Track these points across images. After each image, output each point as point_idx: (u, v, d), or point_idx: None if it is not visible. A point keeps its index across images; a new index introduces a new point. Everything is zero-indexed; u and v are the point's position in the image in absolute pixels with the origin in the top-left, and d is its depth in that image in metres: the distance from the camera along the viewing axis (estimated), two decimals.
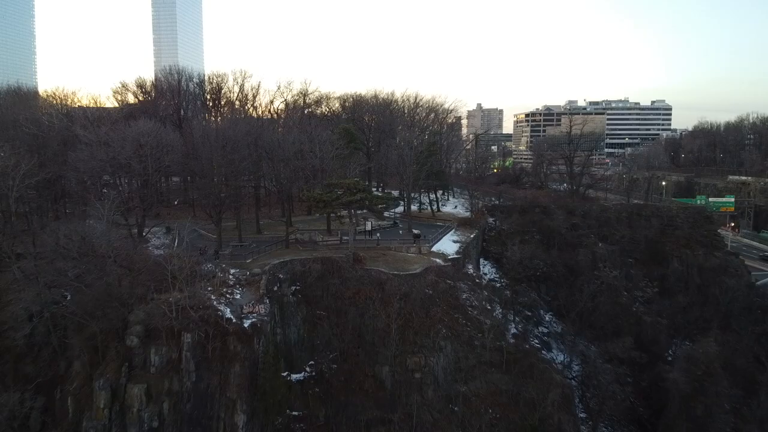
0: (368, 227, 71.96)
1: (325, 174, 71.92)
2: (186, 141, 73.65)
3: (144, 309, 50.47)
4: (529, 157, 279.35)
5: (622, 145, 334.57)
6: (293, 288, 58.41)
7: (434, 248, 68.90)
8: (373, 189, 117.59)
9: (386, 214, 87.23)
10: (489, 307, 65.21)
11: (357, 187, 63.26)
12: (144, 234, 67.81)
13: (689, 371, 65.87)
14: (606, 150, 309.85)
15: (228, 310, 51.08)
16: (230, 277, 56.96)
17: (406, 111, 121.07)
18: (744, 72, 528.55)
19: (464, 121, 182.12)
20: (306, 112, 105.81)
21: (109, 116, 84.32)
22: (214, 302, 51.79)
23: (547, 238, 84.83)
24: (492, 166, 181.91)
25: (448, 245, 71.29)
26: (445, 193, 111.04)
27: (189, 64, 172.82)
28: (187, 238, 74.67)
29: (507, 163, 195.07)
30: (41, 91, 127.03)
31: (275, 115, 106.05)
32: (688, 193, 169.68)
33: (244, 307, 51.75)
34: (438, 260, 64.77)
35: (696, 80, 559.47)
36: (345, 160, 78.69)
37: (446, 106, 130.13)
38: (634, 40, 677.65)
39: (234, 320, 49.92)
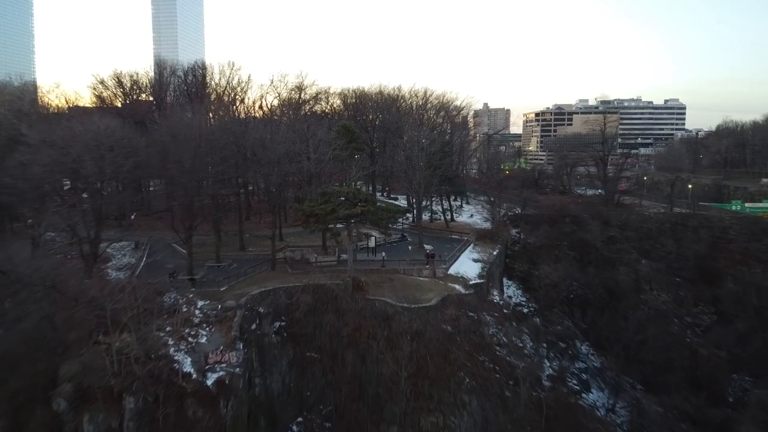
0: (371, 244, 60.00)
1: (321, 179, 60.21)
2: (154, 141, 62.05)
3: (80, 359, 38.89)
4: (541, 157, 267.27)
5: (635, 146, 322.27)
6: (277, 325, 46.58)
7: (452, 270, 56.92)
8: (378, 194, 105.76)
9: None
10: (520, 344, 53.28)
11: (358, 197, 51.46)
12: (100, 253, 56.13)
13: (765, 422, 53.81)
14: (619, 150, 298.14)
15: (188, 360, 39.29)
16: (196, 312, 45.20)
17: (414, 108, 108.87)
18: (751, 71, 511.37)
19: (470, 120, 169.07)
20: (303, 110, 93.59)
21: (70, 115, 72.74)
22: (171, 349, 40.05)
23: (581, 253, 72.68)
24: (503, 167, 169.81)
25: (467, 266, 59.28)
26: (458, 199, 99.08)
27: (189, 59, 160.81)
28: (156, 257, 63.42)
29: (522, 164, 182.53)
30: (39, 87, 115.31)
31: (268, 113, 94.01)
32: (716, 197, 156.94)
33: (210, 355, 39.93)
34: (457, 286, 52.77)
35: (699, 80, 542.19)
36: (345, 162, 66.97)
37: (457, 103, 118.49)
38: (639, 39, 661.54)
39: (194, 375, 38.11)
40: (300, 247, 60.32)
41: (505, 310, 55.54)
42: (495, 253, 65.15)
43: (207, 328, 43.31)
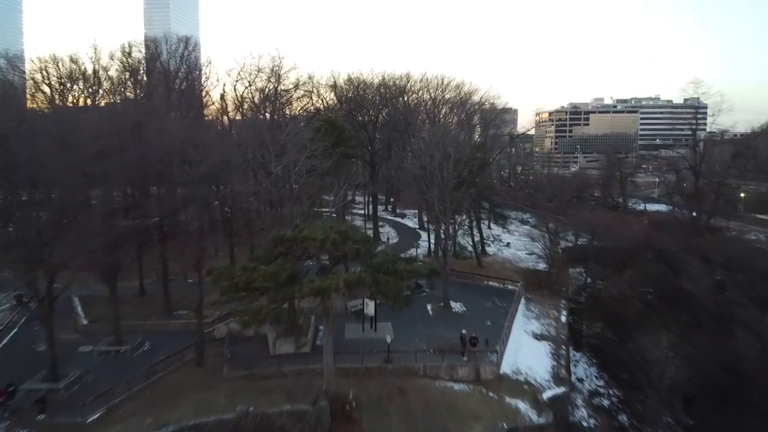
0: (369, 311, 36.83)
1: (288, 205, 37.32)
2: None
3: None
4: (556, 159, 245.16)
5: (654, 147, 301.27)
6: None
7: (505, 364, 33.60)
8: (380, 207, 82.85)
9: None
10: None
11: (342, 247, 28.26)
12: None
13: None
14: (640, 152, 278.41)
15: None
16: None
17: (429, 101, 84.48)
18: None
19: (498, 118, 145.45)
20: (279, 102, 69.75)
21: None
22: None
23: (679, 309, 49.37)
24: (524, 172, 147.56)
25: (528, 351, 35.93)
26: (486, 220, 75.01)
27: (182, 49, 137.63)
28: (37, 326, 40.67)
29: (541, 170, 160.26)
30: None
31: (237, 106, 70.54)
32: None
33: None
34: (521, 405, 29.49)
35: (715, 80, 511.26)
36: (330, 174, 44.33)
37: (476, 98, 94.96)
38: (639, 39, 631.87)
39: None
40: None
41: None
42: (563, 318, 41.84)
43: None
